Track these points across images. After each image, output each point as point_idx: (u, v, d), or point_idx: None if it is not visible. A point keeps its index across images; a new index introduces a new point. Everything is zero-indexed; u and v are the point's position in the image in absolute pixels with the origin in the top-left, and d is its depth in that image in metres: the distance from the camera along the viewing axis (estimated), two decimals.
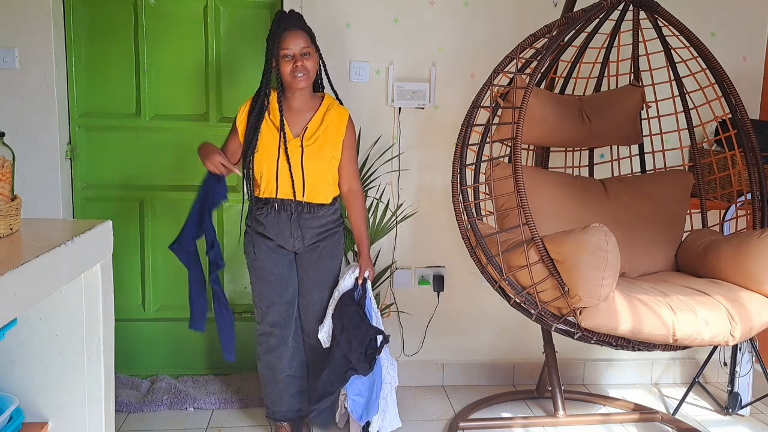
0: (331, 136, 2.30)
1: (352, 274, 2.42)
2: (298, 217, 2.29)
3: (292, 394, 2.48)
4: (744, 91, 2.62)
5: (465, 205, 2.38)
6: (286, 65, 2.19)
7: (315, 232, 2.33)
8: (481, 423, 2.68)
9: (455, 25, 2.88)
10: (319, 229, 2.34)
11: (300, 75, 2.19)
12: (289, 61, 2.19)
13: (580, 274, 1.94)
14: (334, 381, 2.33)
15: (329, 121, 2.30)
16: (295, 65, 2.18)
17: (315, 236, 2.34)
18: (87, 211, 2.91)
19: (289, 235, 2.32)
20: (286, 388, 2.47)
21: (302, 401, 2.50)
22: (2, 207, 1.24)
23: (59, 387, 1.37)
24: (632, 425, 2.72)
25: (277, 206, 2.28)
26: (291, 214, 2.28)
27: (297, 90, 2.24)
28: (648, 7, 2.43)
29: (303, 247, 2.35)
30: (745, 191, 2.56)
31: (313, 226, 2.32)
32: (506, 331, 3.09)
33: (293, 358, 2.46)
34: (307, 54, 2.20)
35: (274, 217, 2.30)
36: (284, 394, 2.47)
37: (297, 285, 2.42)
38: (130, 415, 2.69)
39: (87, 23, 2.81)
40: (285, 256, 2.37)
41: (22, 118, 2.70)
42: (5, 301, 0.99)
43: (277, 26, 2.20)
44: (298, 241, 2.33)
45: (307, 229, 2.32)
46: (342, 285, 2.40)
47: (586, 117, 2.64)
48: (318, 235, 2.35)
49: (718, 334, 2.05)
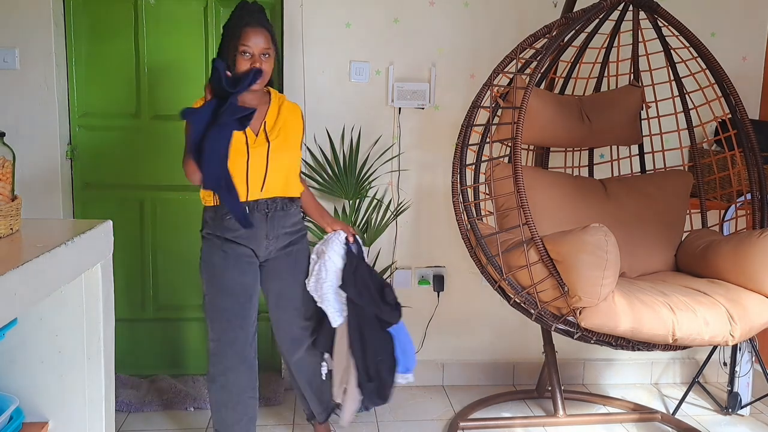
0: (292, 129, 2.19)
1: (337, 239, 2.24)
2: (273, 215, 2.15)
3: (250, 418, 2.26)
4: (744, 91, 2.62)
5: (465, 205, 2.38)
6: (243, 63, 2.04)
7: (287, 231, 2.20)
8: (481, 423, 2.68)
9: (455, 25, 2.88)
10: (290, 228, 2.21)
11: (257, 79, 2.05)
12: (247, 59, 2.04)
13: (579, 274, 1.94)
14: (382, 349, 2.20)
15: (286, 115, 2.18)
16: (253, 66, 2.04)
17: (287, 237, 2.20)
18: (87, 211, 2.91)
19: (264, 237, 2.15)
20: (245, 411, 2.24)
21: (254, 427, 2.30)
22: (2, 207, 1.24)
23: (59, 387, 1.37)
24: (632, 425, 2.72)
25: (249, 208, 2.09)
26: (266, 214, 2.14)
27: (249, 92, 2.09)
28: (648, 7, 2.43)
29: (275, 250, 2.19)
30: (744, 191, 2.56)
31: (286, 225, 2.19)
32: (506, 331, 3.09)
33: (254, 380, 2.25)
34: (267, 55, 2.07)
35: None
36: (243, 418, 2.24)
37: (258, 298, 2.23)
38: (130, 415, 2.69)
39: (87, 23, 2.81)
40: (251, 264, 2.18)
41: (22, 118, 2.71)
42: (5, 301, 0.99)
43: (238, 18, 2.06)
44: (272, 242, 2.17)
45: (281, 228, 2.18)
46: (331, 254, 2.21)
47: (586, 117, 2.64)
48: (289, 236, 2.21)
49: (717, 334, 2.05)
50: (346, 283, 2.20)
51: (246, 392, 2.23)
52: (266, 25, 2.08)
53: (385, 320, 2.22)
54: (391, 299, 2.22)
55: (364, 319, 2.21)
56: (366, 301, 2.20)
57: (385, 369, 2.22)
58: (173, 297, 3.00)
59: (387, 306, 2.21)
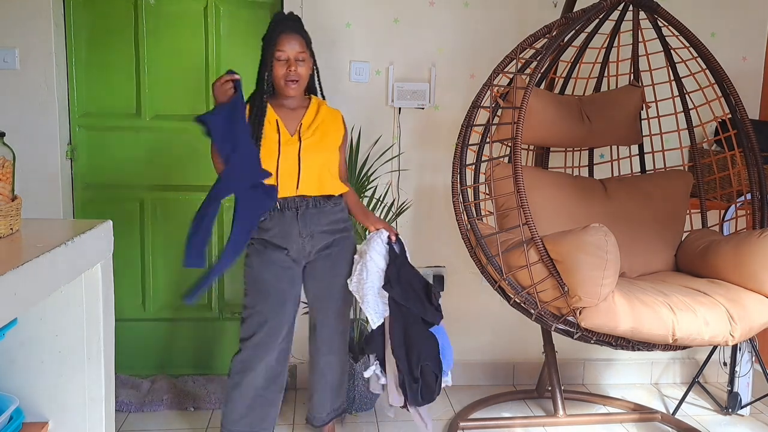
0: (330, 131, 2.26)
1: (379, 239, 2.23)
2: (304, 213, 2.19)
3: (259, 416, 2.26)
4: (744, 91, 2.62)
5: (465, 205, 2.38)
6: (280, 68, 2.15)
7: (325, 230, 2.23)
8: (481, 423, 2.68)
9: (455, 25, 2.88)
10: (328, 227, 2.23)
11: (292, 84, 2.14)
12: (282, 64, 2.15)
13: (579, 274, 1.94)
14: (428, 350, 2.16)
15: (323, 117, 2.26)
16: (289, 69, 2.13)
17: (326, 236, 2.23)
18: (87, 211, 2.91)
19: (297, 235, 2.19)
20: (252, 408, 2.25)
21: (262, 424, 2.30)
22: (2, 207, 1.24)
23: (59, 387, 1.37)
24: (632, 425, 2.72)
25: (279, 206, 2.17)
26: (296, 211, 2.18)
27: (287, 98, 2.20)
28: (648, 8, 2.43)
29: (313, 251, 2.23)
30: (744, 191, 2.56)
31: (322, 223, 2.22)
32: (506, 331, 3.09)
33: (272, 381, 2.27)
34: (302, 60, 2.16)
35: (279, 219, 2.18)
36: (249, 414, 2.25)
37: (297, 302, 2.28)
38: (130, 415, 2.69)
39: (87, 23, 2.81)
40: (288, 270, 2.22)
41: (22, 118, 2.71)
42: (5, 301, 0.99)
43: (274, 27, 2.17)
44: (307, 242, 2.21)
45: (315, 226, 2.21)
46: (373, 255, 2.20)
47: (586, 117, 2.64)
48: (329, 235, 2.24)
49: (717, 334, 2.05)
50: (391, 283, 2.19)
51: (258, 391, 2.25)
52: (301, 32, 2.19)
53: (428, 321, 2.21)
54: (435, 300, 2.22)
55: (409, 320, 2.19)
56: (412, 301, 2.19)
57: (430, 370, 2.19)
58: (173, 297, 3.00)
59: (431, 306, 2.21)
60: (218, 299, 3.04)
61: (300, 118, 2.23)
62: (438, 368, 2.19)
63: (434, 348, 2.20)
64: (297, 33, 2.17)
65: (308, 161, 2.18)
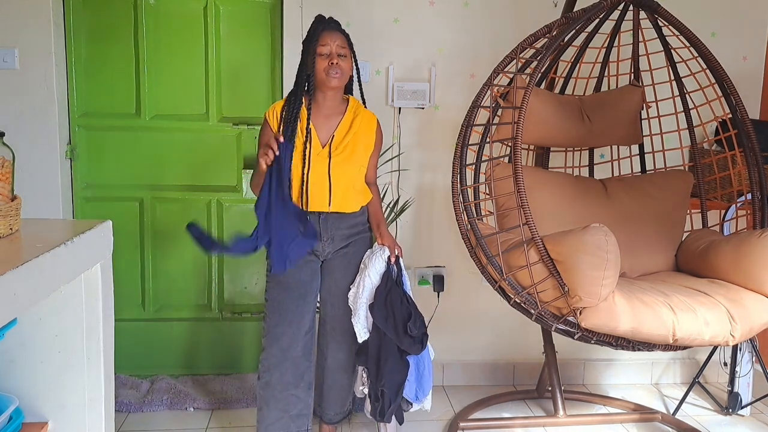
0: (360, 143, 2.26)
1: (381, 256, 2.26)
2: (326, 218, 2.22)
3: (291, 416, 2.28)
4: (744, 91, 2.62)
5: (465, 205, 2.38)
6: (322, 62, 2.16)
7: (344, 234, 2.27)
8: (481, 423, 2.68)
9: (455, 25, 2.88)
10: (347, 230, 2.27)
11: (335, 73, 2.15)
12: (324, 58, 2.16)
13: (580, 274, 1.94)
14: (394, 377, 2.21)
15: (357, 127, 2.25)
16: (331, 63, 2.14)
17: (344, 238, 2.27)
18: (87, 211, 2.91)
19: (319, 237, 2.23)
20: (286, 409, 2.26)
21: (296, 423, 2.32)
22: (2, 207, 1.23)
23: (59, 387, 1.37)
24: (632, 425, 2.72)
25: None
26: (318, 216, 2.21)
27: (329, 90, 2.19)
28: (648, 7, 2.43)
29: (332, 251, 2.27)
30: (745, 191, 2.55)
31: (342, 227, 2.26)
32: (506, 331, 3.09)
33: (300, 378, 2.28)
34: (343, 55, 2.18)
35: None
36: (283, 416, 2.26)
37: (317, 295, 2.32)
38: (130, 415, 2.69)
39: (87, 23, 2.81)
40: (309, 263, 2.25)
41: (22, 118, 2.71)
42: (5, 301, 0.98)
43: (315, 27, 2.20)
44: (328, 244, 2.25)
45: (336, 230, 2.25)
46: (371, 271, 2.24)
47: (586, 117, 2.64)
48: (348, 238, 2.28)
49: (718, 334, 2.05)
50: (375, 304, 2.23)
51: (288, 389, 2.26)
52: (341, 30, 2.22)
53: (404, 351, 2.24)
54: (414, 332, 2.22)
55: (384, 342, 2.23)
56: (389, 328, 2.21)
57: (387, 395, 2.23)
58: (173, 297, 3.00)
59: (408, 338, 2.22)
60: (218, 299, 3.03)
61: (334, 128, 2.23)
62: (394, 395, 2.23)
63: (399, 376, 2.23)
64: (338, 31, 2.21)
65: (336, 178, 2.20)
